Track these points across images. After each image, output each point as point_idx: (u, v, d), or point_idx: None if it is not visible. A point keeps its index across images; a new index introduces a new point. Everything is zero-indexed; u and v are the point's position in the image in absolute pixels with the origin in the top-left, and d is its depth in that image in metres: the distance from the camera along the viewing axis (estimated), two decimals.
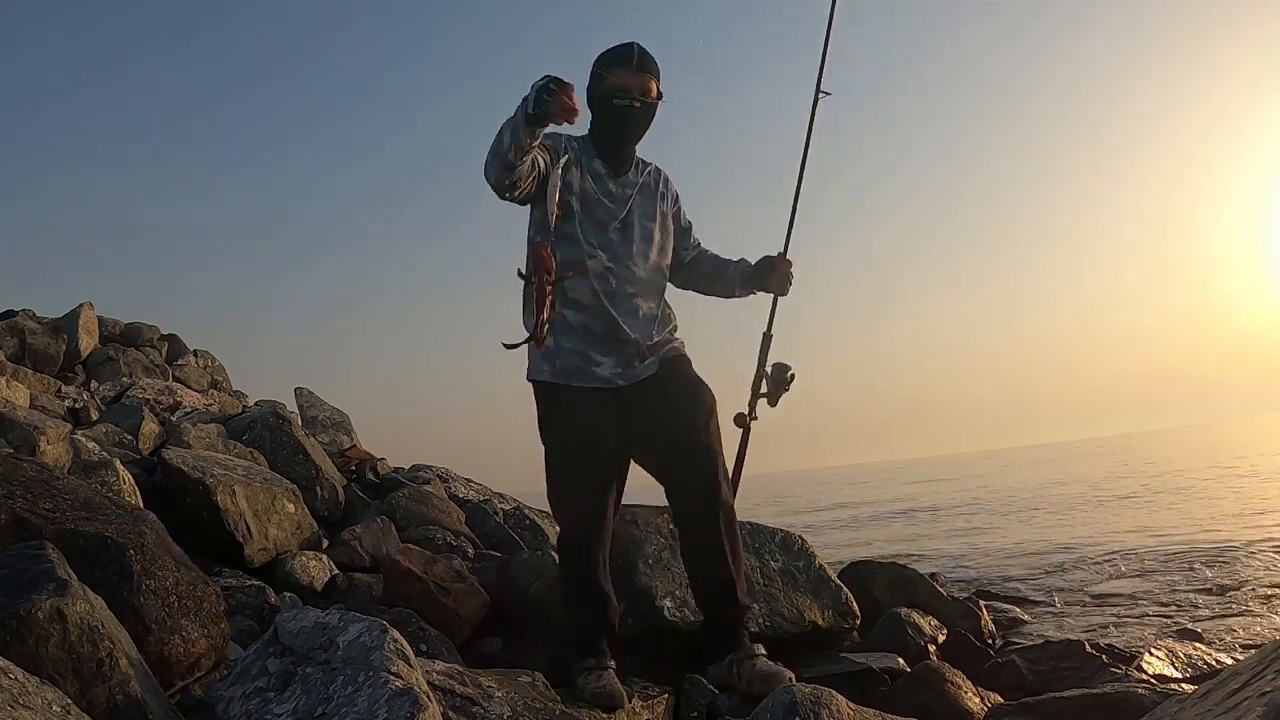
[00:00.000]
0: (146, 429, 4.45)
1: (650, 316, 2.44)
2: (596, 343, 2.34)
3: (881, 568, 3.49)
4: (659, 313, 2.49)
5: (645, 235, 2.45)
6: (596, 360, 2.34)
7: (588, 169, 2.40)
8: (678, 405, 2.36)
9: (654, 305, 2.47)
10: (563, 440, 2.37)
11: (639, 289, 2.41)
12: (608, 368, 2.35)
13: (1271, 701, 0.95)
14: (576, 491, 2.35)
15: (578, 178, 2.37)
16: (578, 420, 2.34)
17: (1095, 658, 2.64)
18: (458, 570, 2.76)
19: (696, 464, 2.32)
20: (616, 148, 2.43)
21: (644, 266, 2.43)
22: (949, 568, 5.83)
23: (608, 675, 2.19)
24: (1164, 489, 11.60)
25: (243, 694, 1.46)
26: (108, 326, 7.26)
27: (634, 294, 2.39)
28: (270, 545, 2.95)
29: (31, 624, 1.28)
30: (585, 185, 2.39)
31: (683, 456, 2.33)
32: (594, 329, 2.34)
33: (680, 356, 2.49)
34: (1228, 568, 4.85)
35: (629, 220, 2.42)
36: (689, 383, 2.43)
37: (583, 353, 2.34)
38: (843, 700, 1.72)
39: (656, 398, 2.37)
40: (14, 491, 1.77)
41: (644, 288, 2.43)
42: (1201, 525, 6.96)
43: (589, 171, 2.40)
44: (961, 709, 2.19)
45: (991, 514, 10.47)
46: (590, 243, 2.36)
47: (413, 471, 5.11)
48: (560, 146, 2.35)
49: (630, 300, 2.38)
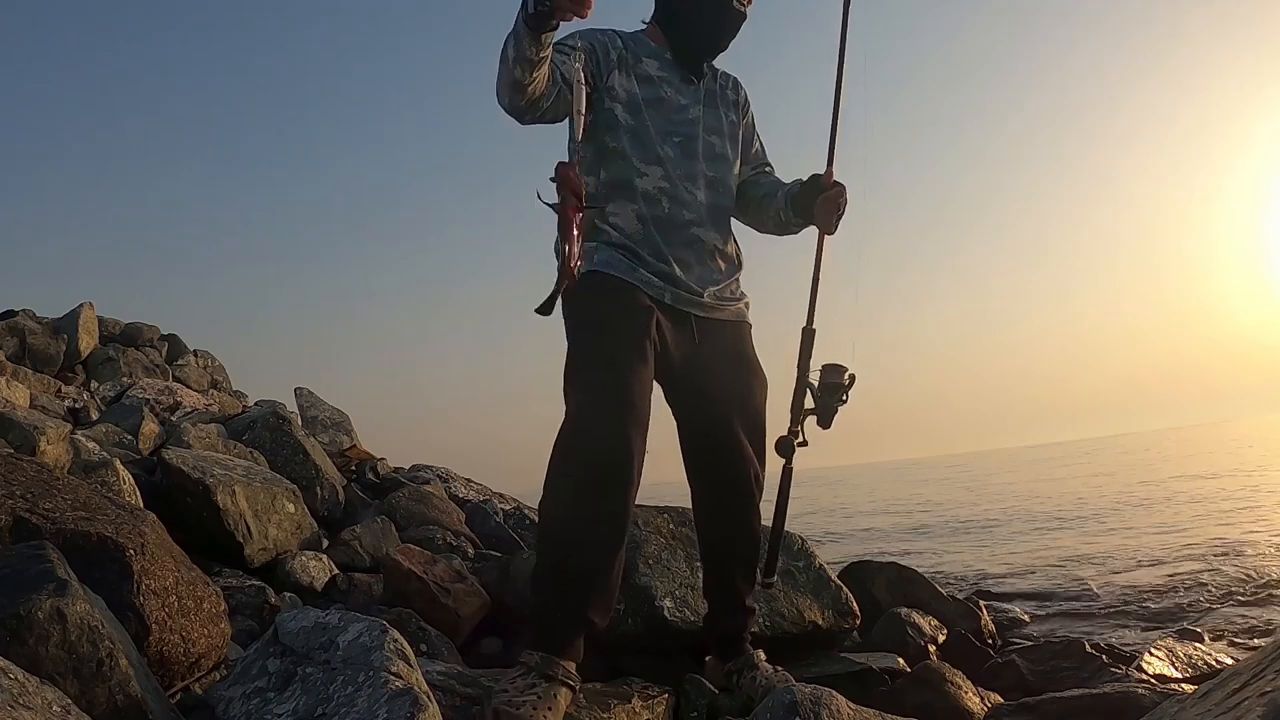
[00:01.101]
0: (146, 429, 4.45)
1: (711, 252, 2.05)
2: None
3: (881, 568, 3.49)
4: (725, 250, 2.08)
5: (712, 153, 2.06)
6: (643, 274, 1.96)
7: (635, 71, 2.01)
8: (741, 373, 2.03)
9: (718, 239, 2.07)
10: (597, 310, 1.90)
11: (699, 216, 2.02)
12: (656, 280, 1.96)
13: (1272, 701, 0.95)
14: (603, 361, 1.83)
15: (623, 81, 1.99)
16: (618, 296, 1.92)
17: (1095, 658, 2.64)
18: (458, 570, 2.76)
19: (757, 438, 2.04)
20: (697, 52, 2.06)
21: (707, 191, 2.04)
22: (949, 568, 5.83)
23: (554, 700, 1.66)
24: (1164, 489, 11.59)
25: (243, 694, 1.46)
26: (108, 326, 7.27)
27: (691, 221, 2.01)
28: (270, 545, 2.95)
29: (31, 624, 1.28)
30: (634, 90, 1.99)
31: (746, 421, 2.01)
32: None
33: (744, 327, 2.11)
34: (1229, 567, 4.85)
35: (692, 132, 2.04)
36: (750, 361, 2.08)
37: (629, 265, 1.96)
38: (843, 700, 1.72)
39: (711, 347, 2.01)
40: (14, 491, 1.77)
41: (706, 215, 2.03)
42: (1201, 525, 6.96)
43: (638, 75, 2.01)
44: (961, 709, 2.19)
45: (991, 514, 10.46)
46: (640, 158, 1.97)
47: (413, 471, 5.12)
48: (604, 44, 1.98)
49: (685, 229, 2.01)
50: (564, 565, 1.80)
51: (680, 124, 2.04)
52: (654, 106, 2.01)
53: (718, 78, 2.15)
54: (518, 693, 1.66)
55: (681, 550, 2.66)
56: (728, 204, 2.11)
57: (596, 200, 1.94)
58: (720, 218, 2.09)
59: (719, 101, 2.12)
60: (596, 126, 1.99)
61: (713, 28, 2.05)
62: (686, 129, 2.04)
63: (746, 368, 2.09)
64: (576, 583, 1.79)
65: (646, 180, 1.97)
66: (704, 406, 2.05)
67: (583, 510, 1.79)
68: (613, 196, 1.99)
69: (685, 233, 2.01)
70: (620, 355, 1.85)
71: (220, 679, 1.62)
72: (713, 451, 2.07)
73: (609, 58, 1.98)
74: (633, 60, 2.02)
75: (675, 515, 2.75)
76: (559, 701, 1.68)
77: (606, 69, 1.98)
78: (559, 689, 1.71)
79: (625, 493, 1.80)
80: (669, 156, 2.00)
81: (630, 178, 1.97)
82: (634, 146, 1.98)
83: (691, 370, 2.02)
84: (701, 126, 2.06)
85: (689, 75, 2.07)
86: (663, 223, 1.98)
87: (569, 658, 1.78)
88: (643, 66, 2.03)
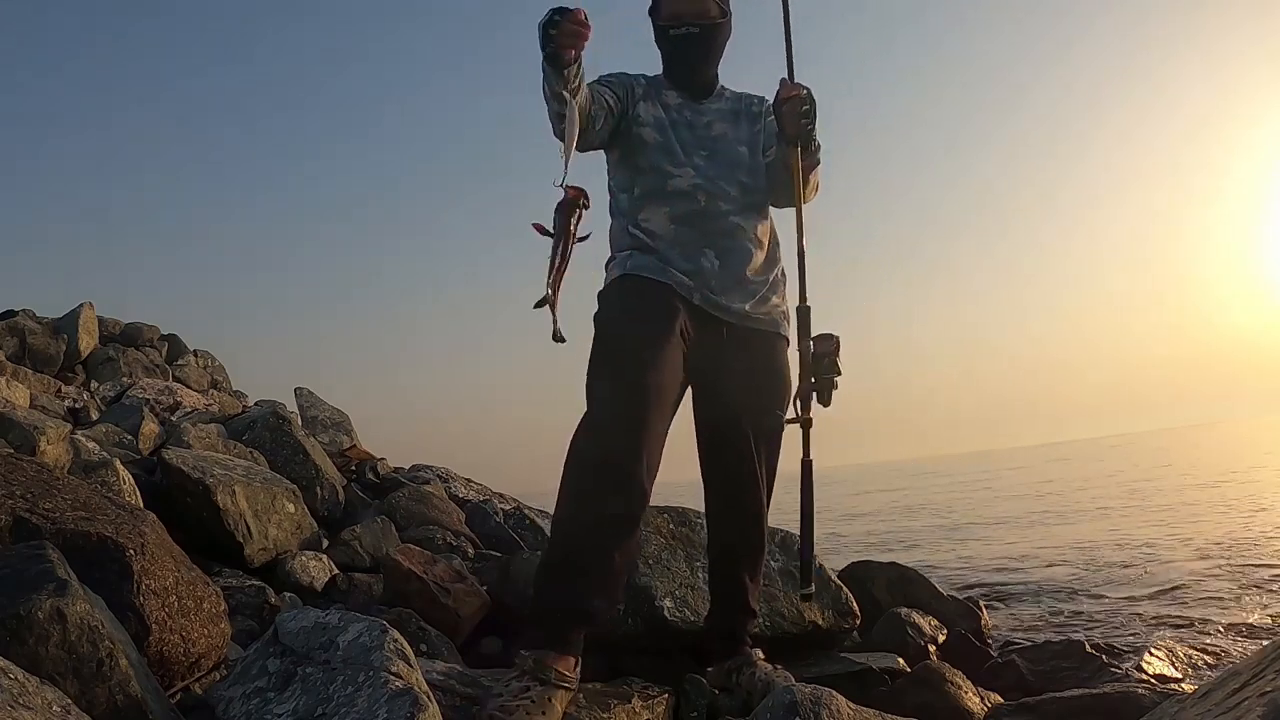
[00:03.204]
0: (146, 429, 4.45)
1: (748, 249, 2.09)
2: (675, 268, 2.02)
3: (881, 568, 3.49)
4: (761, 241, 2.13)
5: (741, 160, 2.15)
6: (674, 273, 2.03)
7: (659, 99, 2.16)
8: (767, 383, 2.08)
9: (756, 228, 2.13)
10: (625, 311, 2.00)
11: (735, 206, 2.10)
12: (686, 281, 2.03)
13: (1272, 701, 0.95)
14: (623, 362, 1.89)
15: (649, 109, 2.13)
16: (647, 296, 2.00)
17: (1095, 658, 2.64)
18: (458, 570, 2.76)
19: (768, 446, 2.09)
20: (688, 78, 2.19)
21: (740, 189, 2.12)
22: (949, 567, 5.83)
23: (548, 704, 1.63)
24: (1164, 488, 11.59)
25: (243, 694, 1.46)
26: (108, 326, 7.27)
27: (728, 211, 2.09)
28: (270, 545, 2.95)
29: (31, 624, 1.28)
30: (660, 115, 2.14)
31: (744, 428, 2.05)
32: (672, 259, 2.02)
33: (778, 340, 2.14)
34: (1229, 566, 4.85)
35: (719, 146, 2.15)
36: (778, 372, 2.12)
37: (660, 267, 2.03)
38: (843, 700, 1.72)
39: (738, 354, 2.05)
40: (14, 491, 1.77)
41: (741, 207, 2.11)
42: (1202, 523, 6.96)
43: (662, 103, 2.16)
44: (961, 709, 2.19)
45: (991, 514, 10.47)
46: (672, 164, 2.09)
47: (413, 471, 5.12)
48: (630, 81, 2.16)
49: (724, 219, 2.08)
50: (564, 561, 1.82)
51: (707, 139, 2.16)
52: (680, 126, 2.14)
53: (741, 100, 2.25)
54: (511, 696, 1.64)
55: (681, 550, 2.66)
56: (762, 201, 2.19)
57: (630, 211, 2.07)
58: (755, 210, 2.15)
59: (741, 118, 2.22)
60: (628, 151, 2.14)
61: (679, 63, 2.20)
62: (713, 143, 2.15)
63: (772, 378, 2.12)
64: (574, 576, 1.80)
65: (680, 180, 2.08)
66: (719, 409, 2.09)
67: (584, 513, 1.82)
68: (645, 204, 2.10)
69: (724, 221, 2.09)
70: (646, 354, 1.89)
71: (220, 679, 1.63)
72: (723, 452, 2.12)
73: (635, 91, 2.16)
74: (655, 93, 2.18)
75: (675, 515, 2.75)
76: (554, 705, 1.66)
77: (633, 100, 2.15)
78: (553, 692, 1.68)
79: (628, 495, 1.81)
80: (699, 165, 2.12)
81: (662, 184, 2.08)
82: (664, 157, 2.10)
83: (713, 373, 2.07)
84: (728, 140, 2.17)
85: (699, 97, 2.20)
86: (700, 215, 2.07)
87: (567, 653, 1.77)
88: (665, 97, 2.18)
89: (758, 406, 2.10)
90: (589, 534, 1.81)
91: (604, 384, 1.89)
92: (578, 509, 1.82)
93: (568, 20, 1.72)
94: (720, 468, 2.13)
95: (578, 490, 1.82)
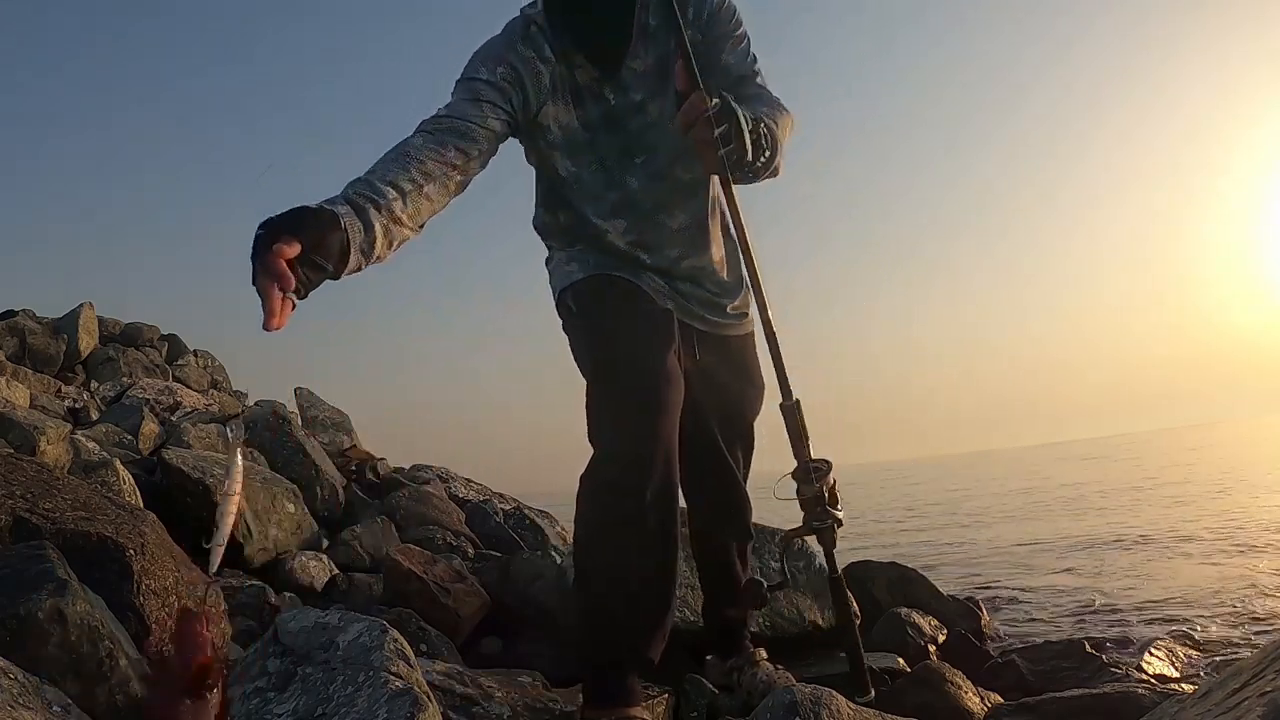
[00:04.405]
0: (146, 429, 4.46)
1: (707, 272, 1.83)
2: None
3: (881, 568, 3.48)
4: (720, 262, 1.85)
5: (677, 155, 1.67)
6: (647, 276, 1.77)
7: (569, 88, 1.63)
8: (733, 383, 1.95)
9: (710, 255, 1.82)
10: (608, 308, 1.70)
11: (683, 249, 1.79)
12: (660, 285, 1.78)
13: (1272, 701, 0.95)
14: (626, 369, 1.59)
15: (559, 112, 1.64)
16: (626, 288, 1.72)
17: (1095, 658, 2.64)
18: (458, 570, 2.76)
19: (744, 446, 2.03)
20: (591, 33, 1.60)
21: (683, 209, 1.76)
22: (949, 567, 5.83)
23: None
24: (1164, 488, 11.60)
25: (243, 694, 1.46)
26: (108, 326, 7.27)
27: (678, 258, 1.80)
28: (270, 545, 2.95)
29: (31, 624, 1.28)
30: (569, 122, 1.65)
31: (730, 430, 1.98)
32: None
33: (747, 339, 1.97)
34: (1229, 566, 4.85)
35: (653, 140, 1.67)
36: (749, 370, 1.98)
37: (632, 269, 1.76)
38: (843, 700, 1.71)
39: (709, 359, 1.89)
40: (14, 491, 1.77)
41: (691, 240, 1.78)
42: (1203, 523, 6.96)
43: (573, 92, 1.63)
44: (961, 709, 2.19)
45: (991, 514, 10.47)
46: (597, 214, 1.72)
47: (413, 471, 5.12)
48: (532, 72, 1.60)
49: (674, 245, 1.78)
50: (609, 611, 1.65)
51: (638, 132, 1.68)
52: (601, 130, 1.67)
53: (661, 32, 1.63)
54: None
55: (681, 550, 2.66)
56: (710, 211, 1.84)
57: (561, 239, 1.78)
58: (705, 232, 1.84)
59: (670, 64, 1.62)
60: (541, 172, 1.79)
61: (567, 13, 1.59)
62: (648, 139, 1.69)
63: (743, 378, 2.04)
64: (625, 627, 1.65)
65: (612, 236, 1.74)
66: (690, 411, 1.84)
67: (623, 558, 1.61)
68: (578, 242, 1.79)
69: (675, 245, 1.80)
70: (652, 349, 1.65)
71: None
72: (696, 455, 1.98)
73: (533, 95, 1.61)
74: (564, 78, 1.63)
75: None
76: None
77: (538, 103, 1.63)
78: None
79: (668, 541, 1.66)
80: (632, 190, 1.71)
81: (592, 234, 1.76)
82: (588, 204, 1.72)
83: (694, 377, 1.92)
84: (663, 124, 1.66)
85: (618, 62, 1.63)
86: (644, 251, 1.78)
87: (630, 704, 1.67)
88: (576, 76, 1.64)
89: (727, 406, 2.03)
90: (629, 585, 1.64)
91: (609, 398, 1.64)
92: (607, 561, 1.62)
93: (269, 256, 1.11)
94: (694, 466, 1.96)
95: (603, 537, 1.62)
